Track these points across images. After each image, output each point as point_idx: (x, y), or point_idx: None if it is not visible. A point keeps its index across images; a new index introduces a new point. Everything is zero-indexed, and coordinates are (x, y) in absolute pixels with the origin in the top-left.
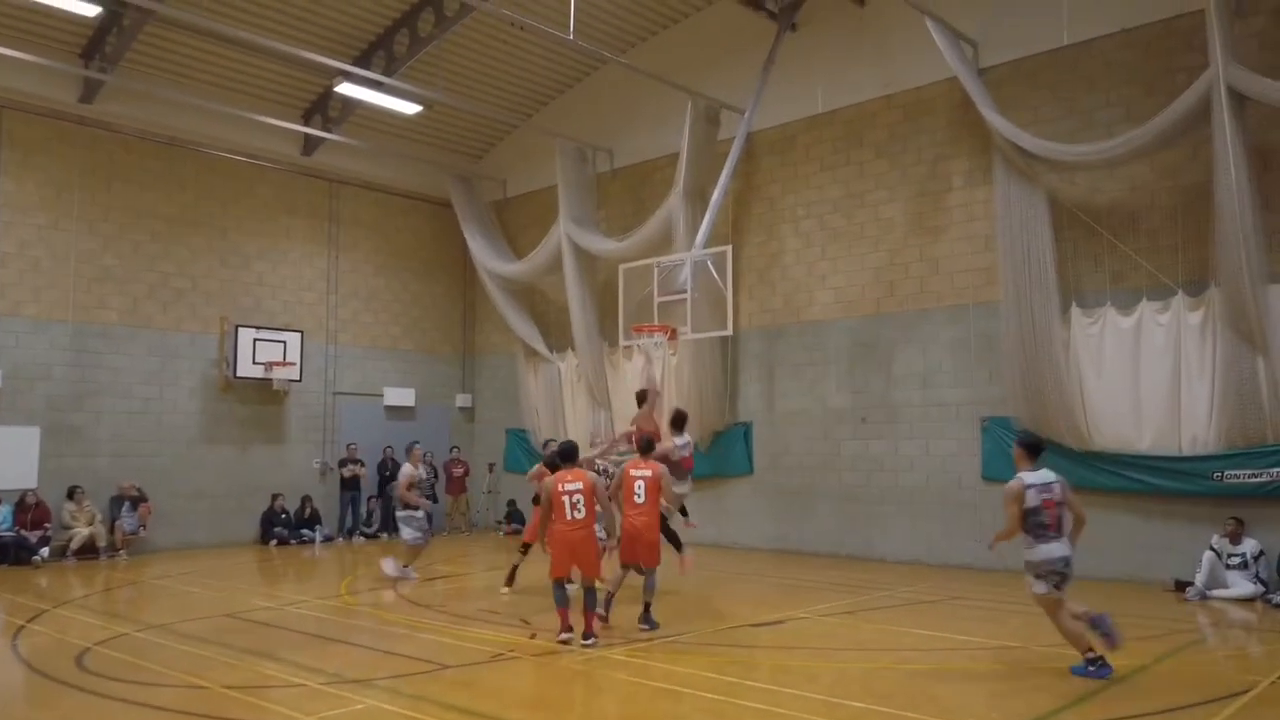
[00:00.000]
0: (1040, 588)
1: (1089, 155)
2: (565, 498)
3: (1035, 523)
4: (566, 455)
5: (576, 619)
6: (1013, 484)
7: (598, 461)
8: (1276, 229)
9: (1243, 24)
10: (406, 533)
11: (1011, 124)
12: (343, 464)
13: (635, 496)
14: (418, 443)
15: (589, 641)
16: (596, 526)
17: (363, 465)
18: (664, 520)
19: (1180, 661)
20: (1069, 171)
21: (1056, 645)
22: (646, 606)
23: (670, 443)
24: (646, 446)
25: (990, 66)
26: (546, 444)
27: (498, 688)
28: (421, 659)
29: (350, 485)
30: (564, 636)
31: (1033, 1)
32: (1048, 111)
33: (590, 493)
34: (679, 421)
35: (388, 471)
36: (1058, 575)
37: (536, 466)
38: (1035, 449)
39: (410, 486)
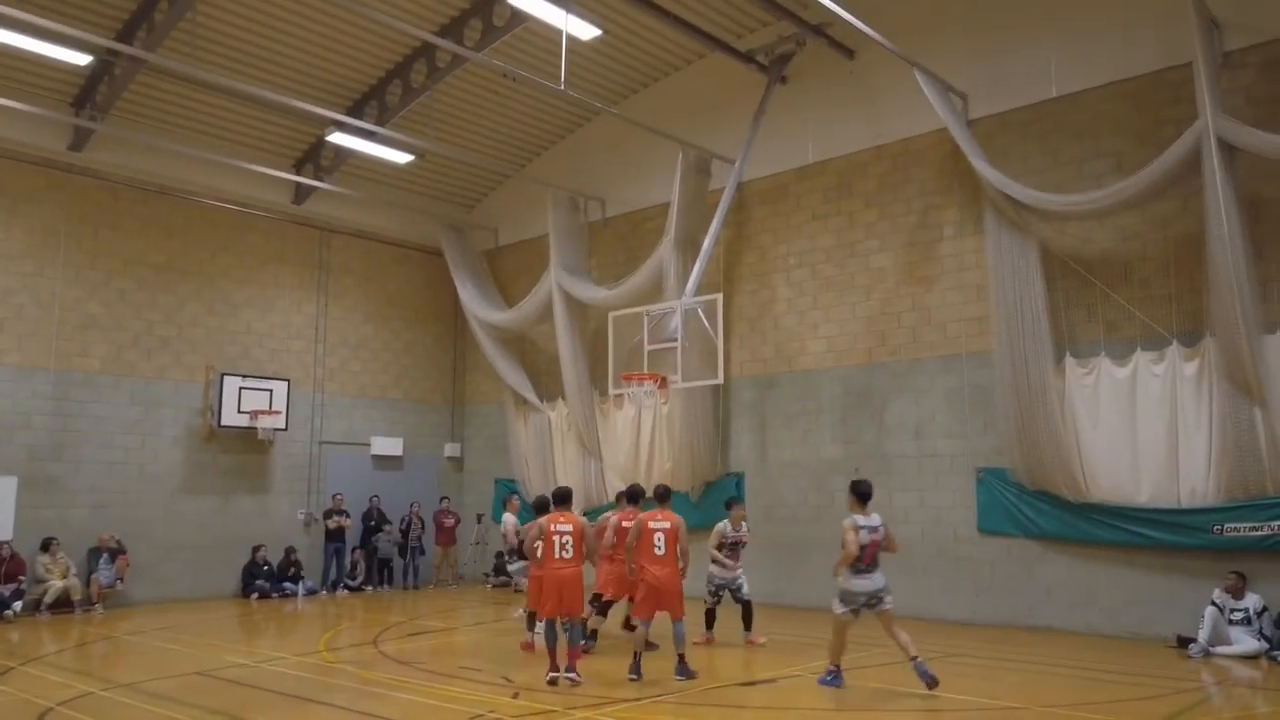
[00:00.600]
0: (840, 609)
1: (1079, 205)
2: (556, 538)
3: (857, 557)
4: (561, 499)
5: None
6: (849, 523)
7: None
8: (1270, 279)
9: (1230, 77)
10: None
11: (1001, 174)
12: (328, 515)
13: (655, 549)
14: (515, 493)
15: (572, 675)
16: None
17: (348, 517)
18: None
19: None
20: (1060, 221)
21: (1060, 706)
22: (681, 658)
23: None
24: (663, 495)
25: (979, 118)
26: (509, 497)
27: None
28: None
29: (335, 537)
30: (551, 675)
31: (1021, 54)
32: (1037, 162)
33: (579, 535)
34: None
35: (373, 522)
36: (860, 605)
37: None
38: (866, 495)
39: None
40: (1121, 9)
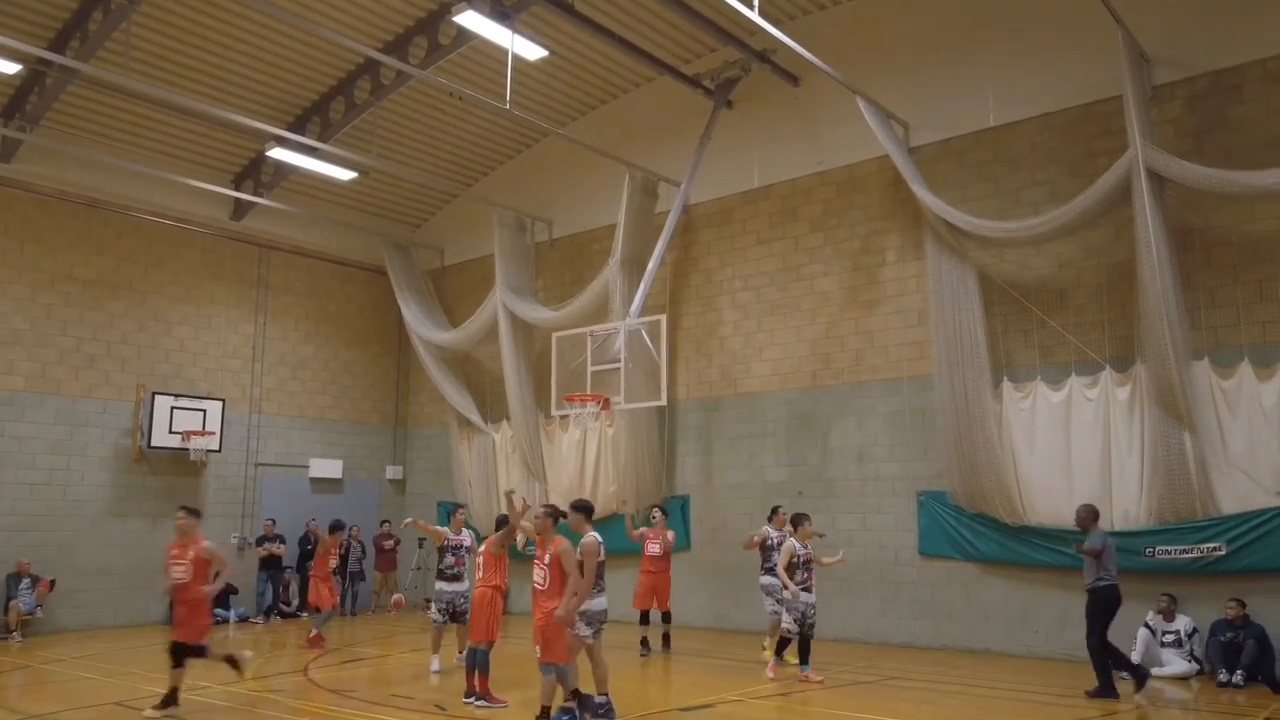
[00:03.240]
0: (586, 632)
1: (1015, 232)
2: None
3: (599, 575)
4: (500, 524)
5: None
6: (590, 539)
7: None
8: (1198, 306)
9: (1159, 110)
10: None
11: (941, 201)
12: (260, 542)
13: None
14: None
15: (475, 701)
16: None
17: (281, 543)
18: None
19: None
20: (998, 248)
21: None
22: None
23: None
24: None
25: (920, 145)
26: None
27: None
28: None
29: (269, 564)
30: (466, 701)
31: (960, 84)
32: (975, 190)
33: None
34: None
35: (309, 545)
36: (601, 624)
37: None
38: (591, 512)
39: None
40: (1055, 42)
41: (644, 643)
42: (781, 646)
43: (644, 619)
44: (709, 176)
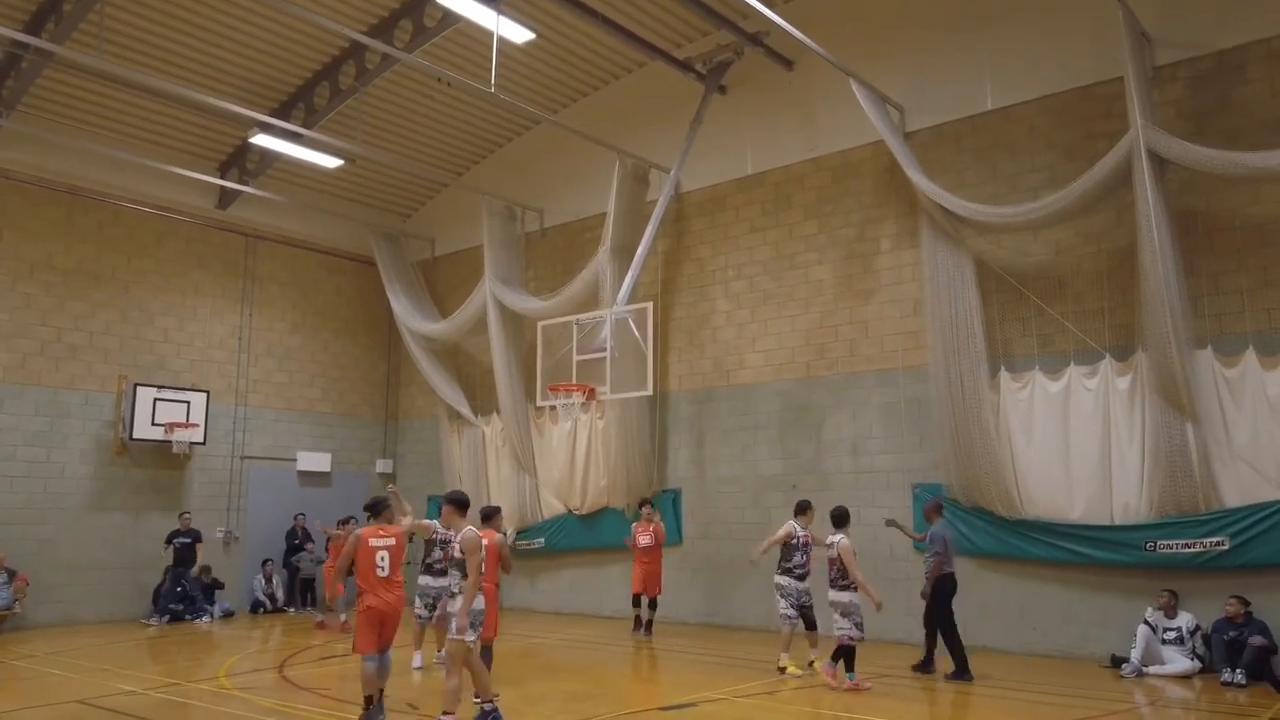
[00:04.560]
0: (471, 636)
1: (1012, 217)
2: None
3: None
4: (486, 517)
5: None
6: (470, 535)
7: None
8: (1201, 294)
9: (1160, 91)
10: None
11: (937, 186)
12: (172, 538)
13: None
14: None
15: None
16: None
17: (200, 540)
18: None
19: None
20: (995, 235)
21: None
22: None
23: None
24: (488, 515)
25: (915, 130)
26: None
27: None
28: None
29: (182, 560)
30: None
31: (957, 67)
32: (972, 175)
33: (494, 551)
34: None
35: (297, 540)
36: (482, 624)
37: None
38: (466, 504)
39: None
40: (1053, 23)
41: (636, 621)
42: (841, 655)
43: (636, 602)
44: (701, 163)
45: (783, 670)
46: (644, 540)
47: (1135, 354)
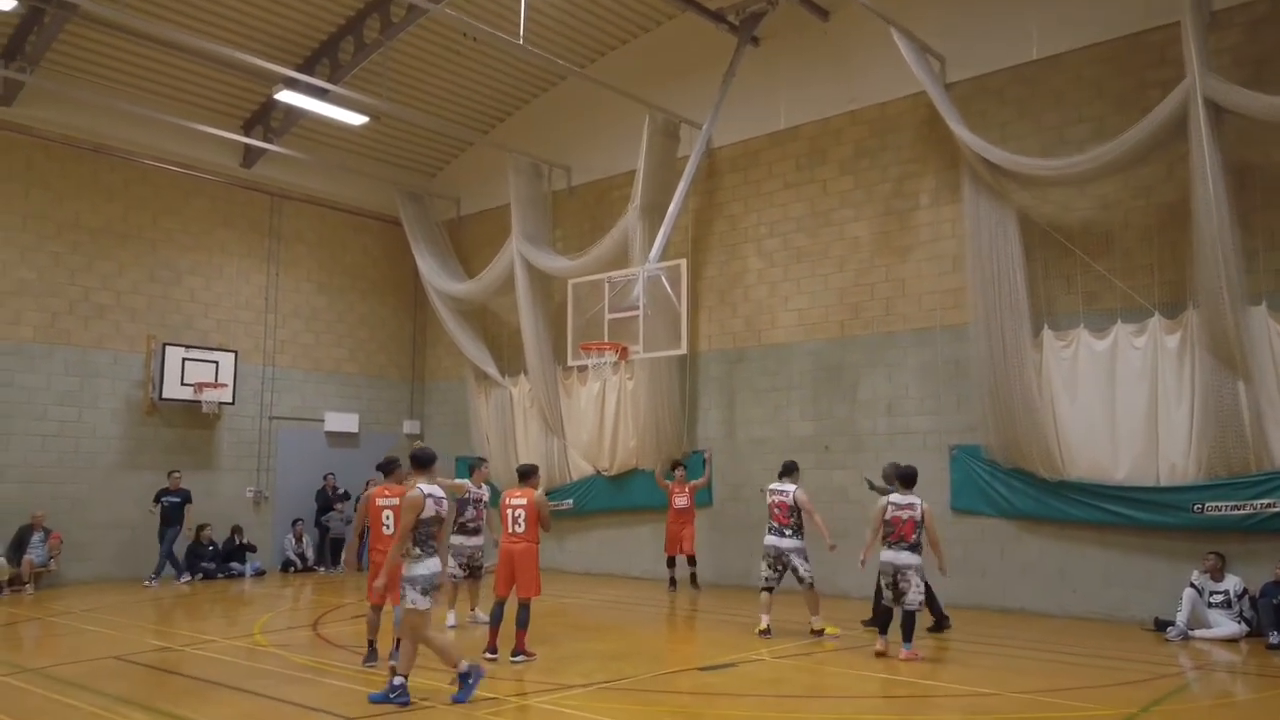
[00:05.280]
0: (425, 603)
1: (1059, 170)
2: (509, 511)
3: (429, 534)
4: (523, 475)
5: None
6: (414, 494)
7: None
8: (1256, 248)
9: (1216, 37)
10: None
11: (980, 139)
12: (158, 498)
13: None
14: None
15: (518, 659)
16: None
17: (189, 501)
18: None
19: (1168, 711)
20: (1039, 188)
21: (1034, 692)
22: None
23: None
24: (524, 474)
25: (957, 81)
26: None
27: None
28: (319, 709)
29: (170, 519)
30: (488, 656)
31: (1000, 15)
32: (1016, 128)
33: (533, 511)
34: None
35: (326, 500)
36: (435, 589)
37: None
38: (427, 462)
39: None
40: None
41: (671, 581)
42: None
43: (671, 563)
44: (733, 118)
45: (819, 632)
46: (680, 502)
47: (1186, 311)
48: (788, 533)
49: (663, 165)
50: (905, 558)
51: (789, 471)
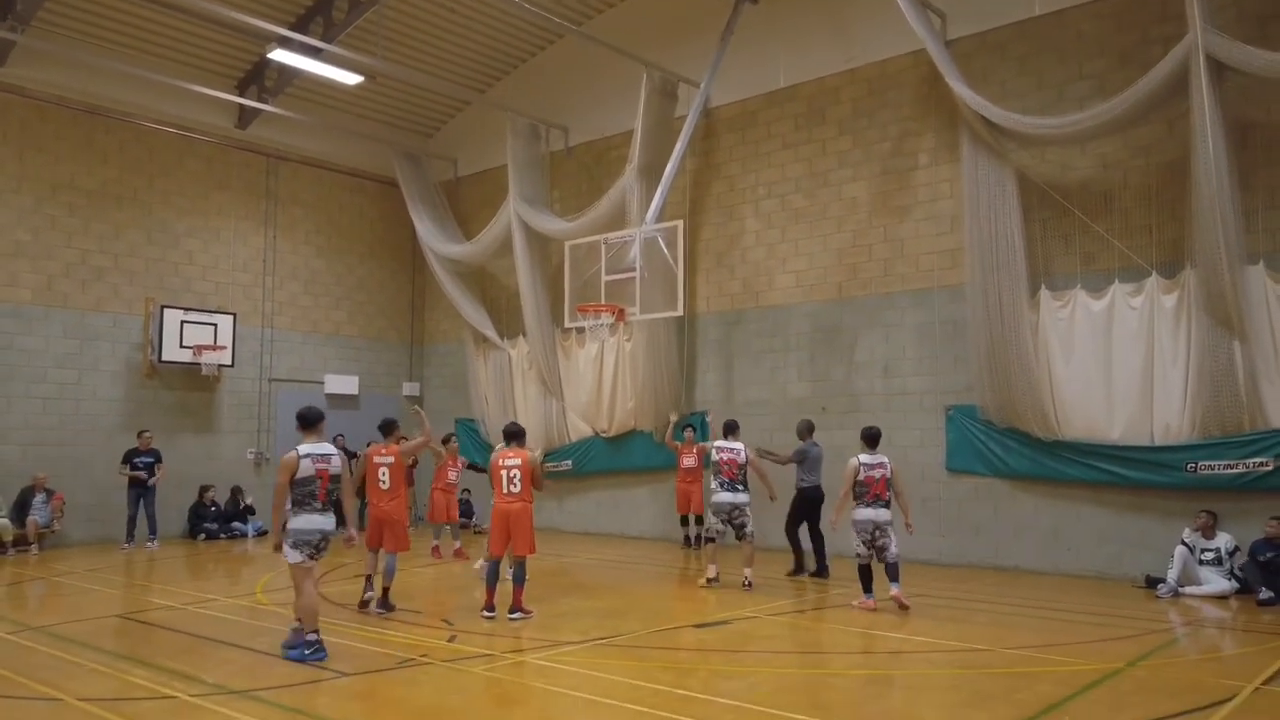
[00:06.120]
0: (295, 556)
1: (1060, 129)
2: (504, 472)
3: (306, 493)
4: (511, 434)
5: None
6: (289, 455)
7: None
8: (1255, 208)
9: None
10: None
11: (980, 97)
12: (129, 456)
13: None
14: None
15: (515, 616)
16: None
17: (160, 462)
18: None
19: (1155, 665)
20: (1039, 147)
21: (1025, 648)
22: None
23: None
24: (513, 434)
25: (958, 38)
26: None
27: (396, 699)
28: (319, 666)
29: (139, 482)
30: (486, 614)
31: None
32: (1017, 86)
33: (527, 471)
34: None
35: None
36: (313, 547)
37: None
38: (311, 422)
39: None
40: None
41: (686, 540)
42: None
43: (684, 521)
44: (731, 77)
45: (750, 585)
46: (688, 462)
47: (1183, 271)
48: (740, 488)
49: (660, 125)
50: (884, 514)
51: (732, 430)
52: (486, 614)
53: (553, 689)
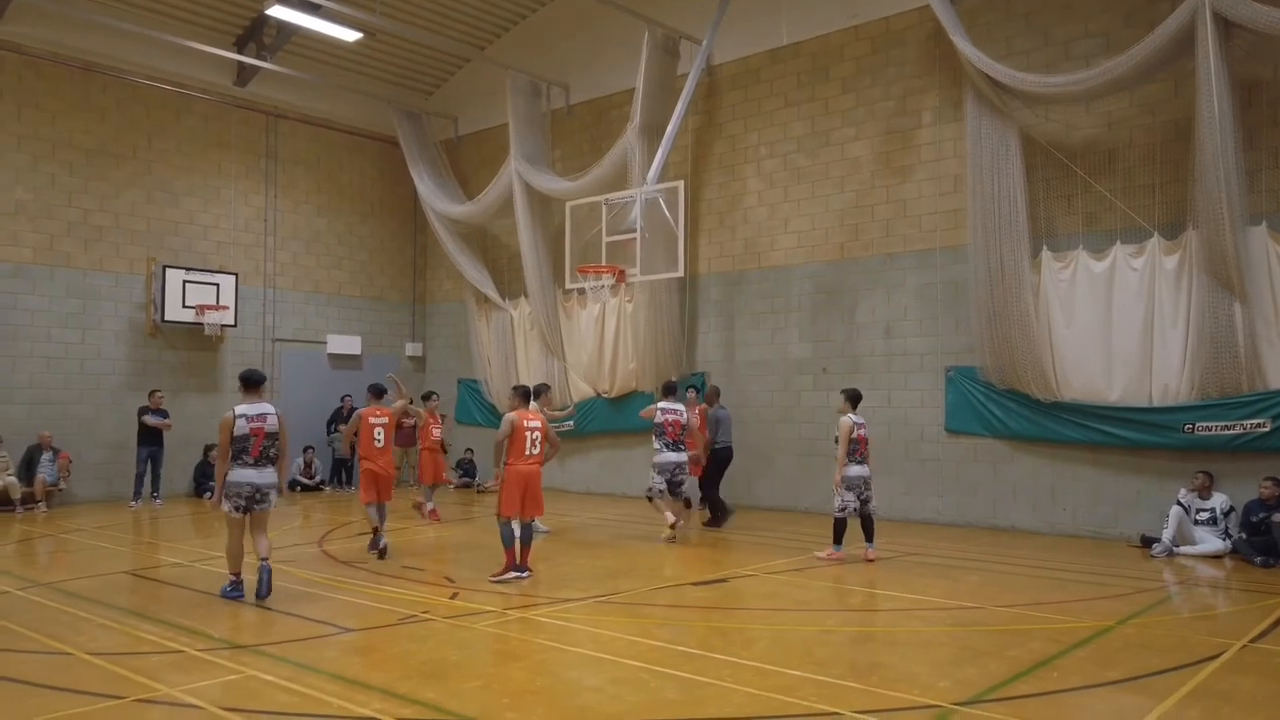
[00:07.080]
0: (225, 506)
1: (1064, 87)
2: (528, 434)
3: (240, 449)
4: (528, 396)
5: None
6: (226, 415)
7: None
8: (1259, 168)
9: None
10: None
11: (985, 55)
12: (143, 413)
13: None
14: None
15: (525, 574)
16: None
17: (167, 418)
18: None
19: (1146, 623)
20: (1043, 106)
21: (1017, 605)
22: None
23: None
24: (528, 396)
25: None
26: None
27: (398, 654)
28: (323, 622)
29: (150, 439)
30: (518, 575)
31: None
32: (1022, 43)
33: (545, 432)
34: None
35: (343, 422)
36: (243, 499)
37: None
38: (253, 383)
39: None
40: None
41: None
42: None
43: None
44: (734, 34)
45: (674, 534)
46: (692, 422)
47: (1185, 232)
48: (682, 448)
49: (662, 83)
50: (868, 470)
51: (672, 391)
52: (518, 574)
53: (553, 645)
